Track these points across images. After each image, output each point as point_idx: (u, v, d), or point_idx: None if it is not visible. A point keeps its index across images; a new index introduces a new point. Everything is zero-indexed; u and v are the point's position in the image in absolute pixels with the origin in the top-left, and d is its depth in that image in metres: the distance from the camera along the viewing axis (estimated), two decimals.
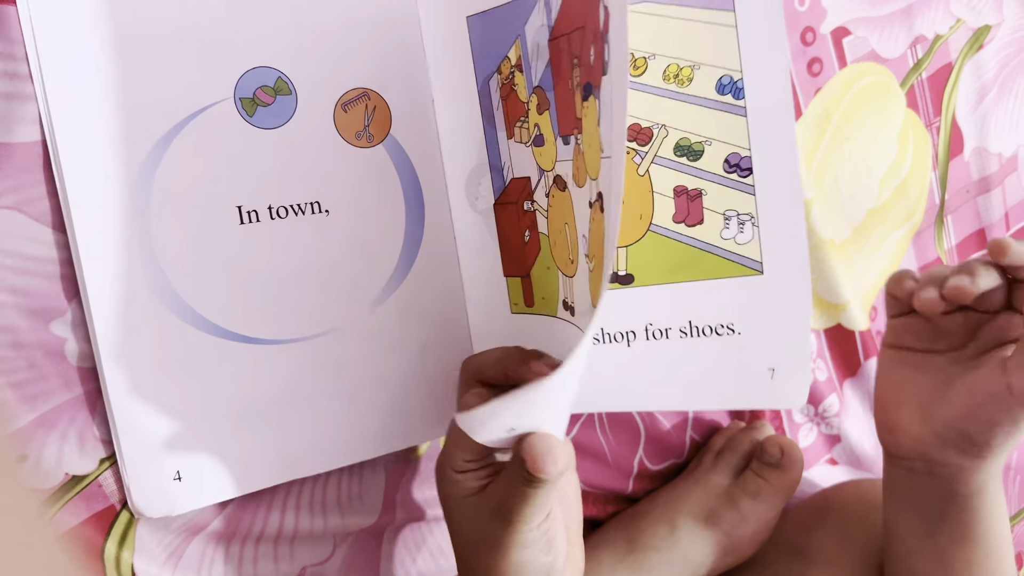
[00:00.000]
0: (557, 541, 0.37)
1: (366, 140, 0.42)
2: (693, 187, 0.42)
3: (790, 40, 0.55)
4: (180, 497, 0.39)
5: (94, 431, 0.38)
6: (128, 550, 0.40)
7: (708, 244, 0.43)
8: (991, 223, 0.71)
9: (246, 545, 0.43)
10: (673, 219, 0.43)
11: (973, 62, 0.65)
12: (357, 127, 0.41)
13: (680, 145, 0.42)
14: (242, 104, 0.39)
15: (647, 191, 0.43)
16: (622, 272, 0.43)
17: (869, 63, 0.59)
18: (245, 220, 0.39)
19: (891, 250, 0.65)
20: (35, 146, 0.36)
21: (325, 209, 0.41)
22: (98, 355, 0.37)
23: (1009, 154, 0.70)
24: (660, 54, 0.42)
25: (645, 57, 0.42)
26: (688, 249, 0.43)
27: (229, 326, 0.40)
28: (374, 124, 0.42)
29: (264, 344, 0.41)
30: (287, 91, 0.40)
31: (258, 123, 0.39)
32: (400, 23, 0.42)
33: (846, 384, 0.62)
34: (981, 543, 0.42)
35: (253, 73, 0.39)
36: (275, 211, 0.40)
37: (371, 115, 0.41)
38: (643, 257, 0.43)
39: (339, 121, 0.41)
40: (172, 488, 0.39)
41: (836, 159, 0.59)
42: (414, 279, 0.44)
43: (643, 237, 0.43)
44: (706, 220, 0.42)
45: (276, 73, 0.40)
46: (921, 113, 0.63)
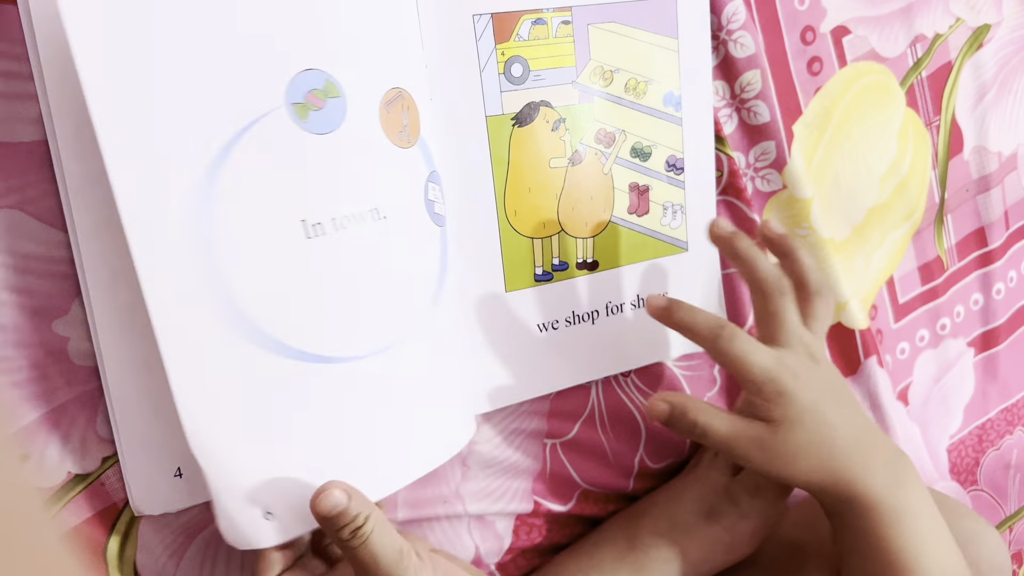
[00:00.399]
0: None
1: (406, 140, 0.40)
2: (643, 183, 0.51)
3: (790, 40, 0.55)
4: (267, 533, 0.37)
5: (96, 430, 0.38)
6: (131, 549, 0.40)
7: (651, 230, 0.52)
8: (991, 222, 0.71)
9: None
10: (627, 210, 0.51)
11: (973, 61, 0.65)
12: (398, 127, 0.40)
13: (635, 148, 0.50)
14: (295, 110, 0.36)
15: (610, 187, 0.50)
16: (590, 260, 0.50)
17: (869, 62, 0.59)
18: (311, 234, 0.37)
19: (891, 249, 0.65)
20: (37, 146, 0.36)
21: (384, 215, 0.39)
22: (172, 387, 0.34)
23: (1009, 153, 0.70)
24: (623, 69, 0.49)
25: (612, 71, 0.48)
26: (638, 235, 0.51)
27: (305, 347, 0.37)
28: (410, 124, 0.41)
29: (342, 363, 0.38)
30: (336, 93, 0.37)
31: (313, 129, 0.37)
32: (407, 19, 0.42)
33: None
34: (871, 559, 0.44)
35: (302, 76, 0.36)
36: (338, 222, 0.37)
37: (407, 114, 0.40)
38: (605, 245, 0.50)
39: (384, 122, 0.39)
40: (261, 525, 0.36)
41: (836, 158, 0.59)
42: (451, 277, 0.44)
43: (606, 228, 0.50)
44: (651, 210, 0.52)
45: (324, 75, 0.37)
46: (921, 112, 0.64)
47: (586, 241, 0.50)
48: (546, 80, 0.46)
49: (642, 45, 0.49)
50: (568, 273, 0.49)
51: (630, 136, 0.50)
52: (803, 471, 0.44)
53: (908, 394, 0.69)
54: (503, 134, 0.45)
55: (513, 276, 0.48)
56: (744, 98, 0.53)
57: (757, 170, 0.55)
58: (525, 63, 0.45)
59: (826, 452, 0.44)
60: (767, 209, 0.56)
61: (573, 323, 0.50)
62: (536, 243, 0.48)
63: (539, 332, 0.49)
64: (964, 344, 0.72)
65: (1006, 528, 0.80)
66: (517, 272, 0.48)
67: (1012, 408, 0.77)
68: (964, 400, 0.74)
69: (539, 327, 0.49)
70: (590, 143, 0.48)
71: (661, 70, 0.49)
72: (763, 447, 0.44)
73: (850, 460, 0.44)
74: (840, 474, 0.44)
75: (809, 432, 0.44)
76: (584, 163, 0.48)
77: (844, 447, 0.44)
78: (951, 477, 0.73)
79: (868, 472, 0.44)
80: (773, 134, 0.54)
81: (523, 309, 0.48)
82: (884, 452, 0.45)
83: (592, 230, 0.50)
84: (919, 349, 0.69)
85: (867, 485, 0.44)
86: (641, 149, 0.50)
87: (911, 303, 0.68)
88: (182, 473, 0.39)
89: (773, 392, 0.44)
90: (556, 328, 0.49)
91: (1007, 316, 0.74)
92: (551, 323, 0.49)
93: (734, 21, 0.51)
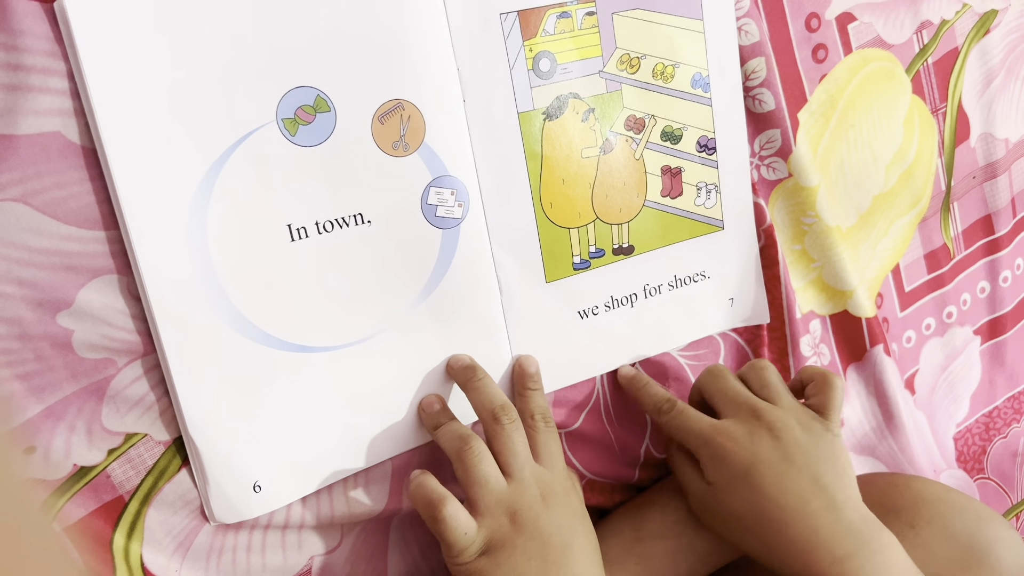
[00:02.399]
0: None
1: (402, 149, 0.43)
2: (675, 166, 0.52)
3: (795, 27, 0.54)
4: (258, 503, 0.42)
5: (102, 422, 0.39)
6: (137, 541, 0.40)
7: (685, 211, 0.53)
8: (998, 209, 0.70)
9: (254, 535, 0.43)
10: (660, 194, 0.52)
11: (980, 47, 0.65)
12: (394, 137, 0.42)
13: (665, 132, 0.51)
14: (284, 125, 0.40)
15: (642, 172, 0.51)
16: (625, 244, 0.51)
17: (875, 49, 0.59)
18: (296, 237, 0.41)
19: (897, 236, 0.65)
20: (40, 138, 0.36)
21: (368, 219, 0.42)
22: (170, 378, 0.39)
23: (1016, 139, 0.69)
24: (649, 55, 0.49)
25: (639, 57, 0.48)
26: (672, 217, 0.52)
27: (288, 338, 0.42)
28: (409, 133, 0.43)
29: (322, 351, 0.43)
30: (326, 108, 0.41)
31: (301, 142, 0.40)
32: (428, 29, 0.42)
33: (849, 369, 0.62)
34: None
35: (293, 93, 0.40)
36: (322, 226, 0.42)
37: (406, 124, 0.42)
38: (640, 229, 0.51)
39: (376, 133, 0.42)
40: (251, 497, 0.42)
41: (842, 146, 0.59)
42: (453, 276, 0.45)
43: (640, 212, 0.51)
44: (684, 192, 0.52)
45: (315, 91, 0.40)
46: (927, 99, 0.63)
47: (621, 227, 0.51)
48: (574, 72, 0.47)
49: (667, 29, 0.49)
50: (605, 259, 0.50)
51: (660, 120, 0.50)
52: (743, 538, 0.45)
53: (915, 382, 0.69)
54: (535, 129, 0.46)
55: (552, 267, 0.49)
56: (749, 86, 0.53)
57: (763, 158, 0.55)
58: (552, 57, 0.46)
59: (763, 524, 0.43)
60: (773, 197, 0.56)
61: (612, 307, 0.51)
62: (573, 233, 0.49)
63: (580, 319, 0.50)
64: (971, 332, 0.72)
65: (1012, 516, 0.80)
66: (556, 263, 0.49)
67: (1019, 396, 0.77)
68: (971, 388, 0.73)
69: (580, 314, 0.50)
70: (620, 130, 0.49)
71: (688, 53, 0.50)
72: (707, 507, 0.46)
73: (790, 536, 0.42)
74: (782, 550, 0.42)
75: (740, 500, 0.44)
76: (615, 151, 0.49)
77: (782, 522, 0.42)
78: (958, 465, 0.73)
79: (812, 554, 0.41)
80: (778, 122, 0.54)
81: (564, 298, 0.49)
82: (842, 533, 0.42)
83: (627, 216, 0.50)
84: (925, 337, 0.69)
85: (816, 568, 0.41)
86: (672, 132, 0.51)
87: (917, 291, 0.68)
88: (260, 487, 0.42)
89: (708, 456, 0.46)
90: (596, 314, 0.51)
91: (1014, 304, 0.74)
92: (591, 309, 0.51)
93: (739, 9, 0.51)
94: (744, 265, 0.55)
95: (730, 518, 0.45)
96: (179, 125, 0.38)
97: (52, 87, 0.35)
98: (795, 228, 0.57)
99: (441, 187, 0.44)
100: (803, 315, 0.58)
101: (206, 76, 0.38)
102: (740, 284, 0.55)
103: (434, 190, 0.44)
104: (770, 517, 0.43)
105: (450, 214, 0.45)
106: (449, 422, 0.45)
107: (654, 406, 0.49)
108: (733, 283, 0.55)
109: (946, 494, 0.51)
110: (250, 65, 0.39)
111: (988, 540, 0.48)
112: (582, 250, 0.49)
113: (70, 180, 0.36)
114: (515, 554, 0.40)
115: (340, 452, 0.44)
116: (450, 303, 0.46)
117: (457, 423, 0.45)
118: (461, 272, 0.46)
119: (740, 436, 0.45)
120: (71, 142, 0.36)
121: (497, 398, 0.45)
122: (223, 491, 0.41)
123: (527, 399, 0.47)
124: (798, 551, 0.42)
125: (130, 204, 0.37)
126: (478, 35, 0.44)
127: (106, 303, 0.38)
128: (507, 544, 0.40)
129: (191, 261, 0.39)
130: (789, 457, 0.44)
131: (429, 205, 0.44)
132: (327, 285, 0.42)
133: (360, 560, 0.48)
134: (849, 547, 0.41)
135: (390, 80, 0.42)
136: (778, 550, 0.43)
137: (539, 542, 0.41)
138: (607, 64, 0.48)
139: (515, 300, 0.48)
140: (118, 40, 0.36)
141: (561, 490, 0.44)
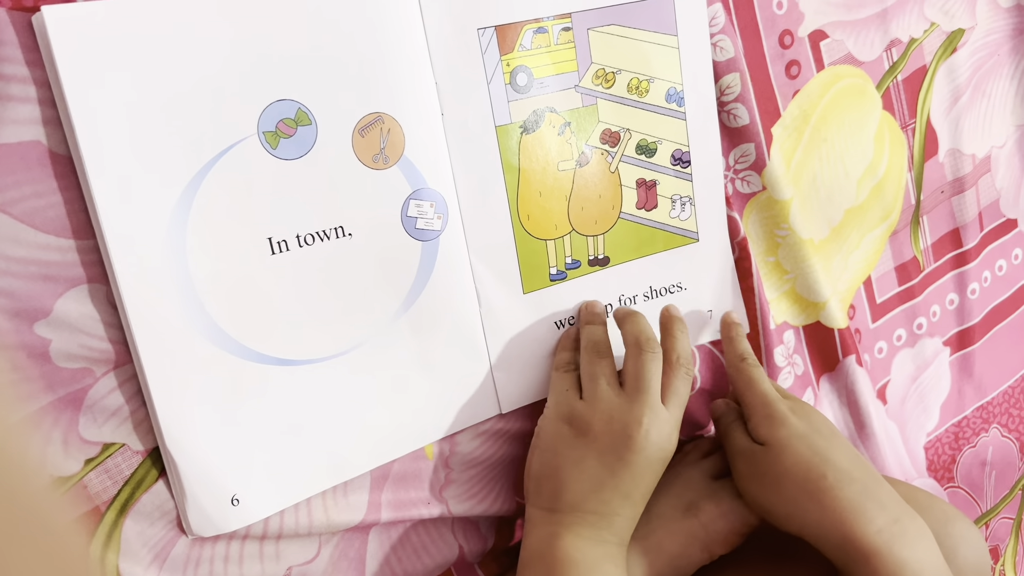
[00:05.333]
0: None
1: (382, 162, 0.43)
2: (650, 179, 0.52)
3: (768, 43, 0.56)
4: (237, 516, 0.42)
5: (79, 432, 0.38)
6: (113, 552, 0.40)
7: (661, 223, 0.54)
8: (965, 223, 0.72)
9: (231, 545, 0.43)
10: (635, 206, 0.52)
11: (947, 65, 0.66)
12: (374, 150, 0.43)
13: (640, 145, 0.52)
14: (266, 138, 0.40)
15: (618, 185, 0.52)
16: (600, 256, 0.52)
17: (846, 66, 0.60)
18: (276, 250, 0.41)
19: (869, 249, 0.66)
20: (19, 147, 0.35)
21: (348, 232, 0.43)
22: (147, 389, 0.39)
23: (982, 155, 0.71)
24: (625, 69, 0.50)
25: (614, 72, 0.49)
26: (647, 229, 0.53)
27: (268, 351, 0.42)
28: (389, 146, 0.43)
29: (301, 364, 0.43)
30: (307, 121, 0.41)
31: (281, 155, 0.40)
32: (407, 43, 0.43)
33: (822, 380, 0.63)
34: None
35: (275, 106, 0.40)
36: (303, 239, 0.41)
37: (386, 137, 0.43)
38: (616, 241, 0.52)
39: (357, 146, 0.42)
40: (229, 511, 0.41)
41: (814, 160, 0.60)
42: (433, 288, 0.46)
43: (615, 224, 0.52)
44: (659, 204, 0.53)
45: (296, 105, 0.40)
46: (897, 115, 0.65)
47: (597, 239, 0.51)
48: (550, 87, 0.47)
49: (642, 45, 0.50)
50: (581, 271, 0.51)
51: (635, 134, 0.51)
52: (788, 501, 0.44)
53: (886, 392, 0.70)
54: (512, 142, 0.47)
55: (530, 278, 0.49)
56: (724, 101, 0.54)
57: (737, 172, 0.56)
58: (529, 72, 0.47)
59: (813, 483, 0.43)
60: (747, 210, 0.57)
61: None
62: (550, 244, 0.49)
63: (557, 329, 0.51)
64: (940, 343, 0.74)
65: (982, 524, 0.81)
66: (533, 274, 0.49)
67: (987, 406, 0.78)
68: (941, 398, 0.75)
69: (556, 324, 0.51)
70: (596, 144, 0.50)
71: (662, 68, 0.51)
72: (755, 468, 0.46)
73: (842, 498, 0.43)
74: (831, 511, 0.43)
75: (797, 457, 0.45)
76: (591, 164, 0.50)
77: (836, 482, 0.43)
78: (928, 474, 0.74)
79: (864, 517, 0.42)
80: (752, 136, 0.55)
81: (541, 309, 0.50)
82: (890, 498, 0.43)
83: (602, 227, 0.51)
84: (896, 348, 0.70)
85: (863, 532, 0.41)
86: (646, 146, 0.52)
87: (888, 303, 0.69)
88: (238, 501, 0.42)
89: (763, 415, 0.47)
90: (572, 324, 0.51)
91: (982, 315, 0.75)
92: (568, 319, 0.51)
93: (714, 25, 0.52)
94: (721, 276, 0.56)
95: (779, 478, 0.45)
96: (159, 137, 0.37)
97: (31, 96, 0.35)
98: (769, 240, 0.58)
99: (421, 199, 0.44)
100: (777, 326, 0.59)
101: (187, 89, 0.38)
102: (718, 295, 0.56)
103: (414, 202, 0.44)
104: (824, 476, 0.44)
105: (429, 226, 0.45)
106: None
107: (740, 354, 0.51)
108: (710, 294, 0.56)
109: (912, 494, 0.52)
110: (231, 78, 0.39)
111: (953, 538, 0.49)
112: (558, 261, 0.50)
113: (49, 189, 0.36)
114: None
115: (319, 465, 0.44)
116: (430, 315, 0.46)
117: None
118: (440, 284, 0.46)
119: (796, 408, 0.48)
120: (50, 151, 0.36)
121: (648, 330, 0.48)
122: (200, 505, 0.41)
123: (675, 340, 0.49)
124: (848, 513, 0.42)
125: (108, 215, 0.37)
126: (456, 50, 0.44)
127: (84, 312, 0.38)
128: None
129: (170, 273, 0.38)
130: (834, 432, 0.47)
131: (409, 217, 0.44)
132: (307, 298, 0.42)
133: (338, 571, 0.47)
134: (895, 513, 0.43)
135: (370, 94, 0.42)
136: (821, 515, 0.43)
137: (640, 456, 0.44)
138: (583, 79, 0.48)
139: (493, 311, 0.48)
140: (97, 52, 0.36)
141: (669, 429, 0.46)
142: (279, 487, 0.43)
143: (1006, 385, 0.79)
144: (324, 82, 0.41)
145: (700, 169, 0.54)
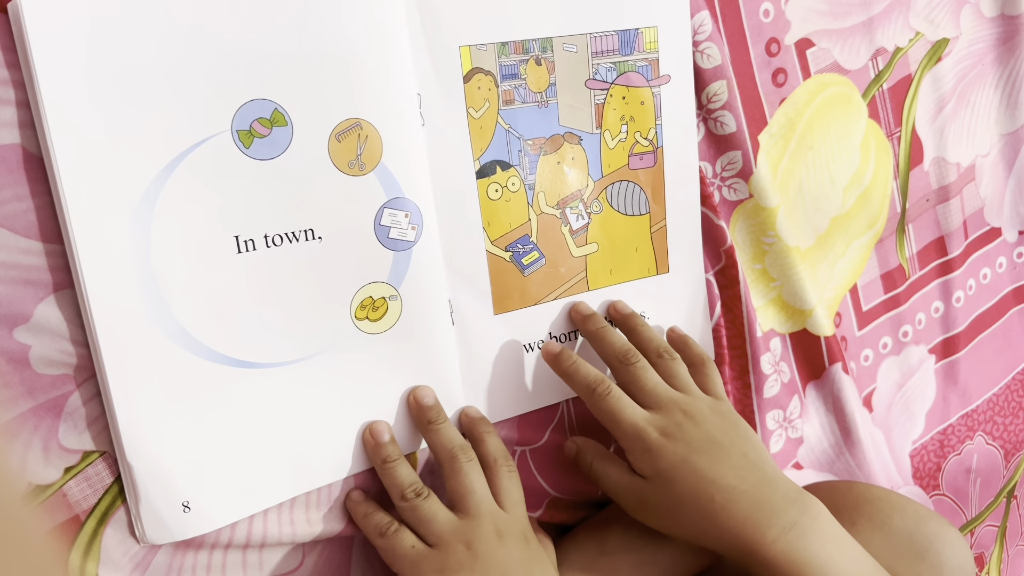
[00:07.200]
0: None
1: (358, 168, 0.42)
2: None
3: (755, 51, 0.56)
4: (190, 523, 0.41)
5: (59, 439, 0.38)
6: (93, 561, 0.39)
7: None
8: (950, 231, 0.72)
9: (214, 554, 0.43)
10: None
11: (932, 74, 0.67)
12: (350, 156, 0.42)
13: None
14: (239, 136, 0.39)
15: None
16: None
17: (832, 74, 0.61)
18: (243, 249, 0.40)
19: (855, 257, 0.66)
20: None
21: (319, 236, 0.42)
22: (104, 385, 0.38)
23: (967, 164, 0.71)
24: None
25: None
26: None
27: (230, 352, 0.41)
28: (366, 153, 0.42)
29: (264, 368, 0.42)
30: (283, 122, 0.40)
31: (255, 154, 0.40)
32: (391, 51, 0.42)
33: (808, 387, 0.63)
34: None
35: (250, 105, 0.39)
36: (271, 239, 0.41)
37: (364, 144, 0.42)
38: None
39: (333, 151, 0.42)
40: (180, 517, 0.40)
41: (800, 168, 0.60)
42: (403, 298, 0.45)
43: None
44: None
45: (273, 105, 0.40)
46: (882, 123, 0.65)
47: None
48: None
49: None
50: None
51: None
52: (684, 526, 0.45)
53: (872, 400, 0.70)
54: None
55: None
56: (711, 108, 0.54)
57: (724, 179, 0.56)
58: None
59: (705, 506, 0.43)
60: (734, 217, 0.57)
61: (559, 341, 0.52)
62: None
63: (526, 352, 0.51)
64: (925, 351, 0.74)
65: (968, 532, 0.81)
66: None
67: (972, 414, 0.78)
68: (926, 406, 0.75)
69: (526, 347, 0.51)
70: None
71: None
72: (643, 502, 0.46)
73: (734, 516, 0.43)
74: (727, 530, 0.43)
75: (684, 486, 0.44)
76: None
77: (725, 503, 0.43)
78: (914, 482, 0.75)
79: (758, 531, 0.42)
80: (739, 144, 0.55)
81: (510, 331, 0.50)
82: (782, 503, 0.43)
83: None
84: (882, 356, 0.71)
85: (760, 543, 0.42)
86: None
87: (874, 311, 0.69)
88: (190, 506, 0.40)
89: (640, 449, 0.45)
90: (541, 348, 0.51)
91: (966, 323, 0.76)
92: (537, 343, 0.51)
93: (700, 32, 0.52)
94: (691, 307, 0.56)
95: (671, 508, 0.45)
96: (129, 131, 0.37)
97: (10, 99, 0.35)
98: (756, 248, 0.58)
99: (395, 209, 0.44)
100: (763, 333, 0.59)
101: (160, 82, 0.37)
102: (686, 328, 0.55)
103: (388, 211, 0.44)
104: (712, 499, 0.43)
105: (403, 236, 0.44)
106: (399, 459, 0.45)
107: (586, 386, 0.47)
108: (678, 325, 0.55)
109: (885, 494, 0.52)
110: (207, 74, 0.38)
111: (927, 537, 0.50)
112: None
113: (28, 193, 0.36)
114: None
115: (280, 474, 0.43)
116: (399, 325, 0.45)
117: (404, 462, 0.45)
118: (411, 295, 0.45)
119: (670, 428, 0.45)
120: (31, 154, 0.36)
121: (456, 439, 0.45)
122: (153, 509, 0.40)
123: (485, 443, 0.46)
124: (743, 528, 0.43)
125: (74, 211, 0.36)
126: (439, 65, 0.44)
127: (63, 318, 0.37)
128: (464, 569, 0.40)
129: (133, 269, 0.38)
130: (716, 440, 0.45)
131: (382, 226, 0.44)
132: (273, 299, 0.41)
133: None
134: (792, 516, 0.43)
135: (350, 99, 0.42)
136: (722, 531, 0.43)
137: (498, 571, 0.41)
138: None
139: (464, 327, 0.48)
140: (72, 44, 0.35)
141: (520, 534, 0.43)
142: (236, 495, 0.42)
143: (991, 393, 0.79)
144: (303, 85, 0.40)
145: (675, 205, 0.53)
